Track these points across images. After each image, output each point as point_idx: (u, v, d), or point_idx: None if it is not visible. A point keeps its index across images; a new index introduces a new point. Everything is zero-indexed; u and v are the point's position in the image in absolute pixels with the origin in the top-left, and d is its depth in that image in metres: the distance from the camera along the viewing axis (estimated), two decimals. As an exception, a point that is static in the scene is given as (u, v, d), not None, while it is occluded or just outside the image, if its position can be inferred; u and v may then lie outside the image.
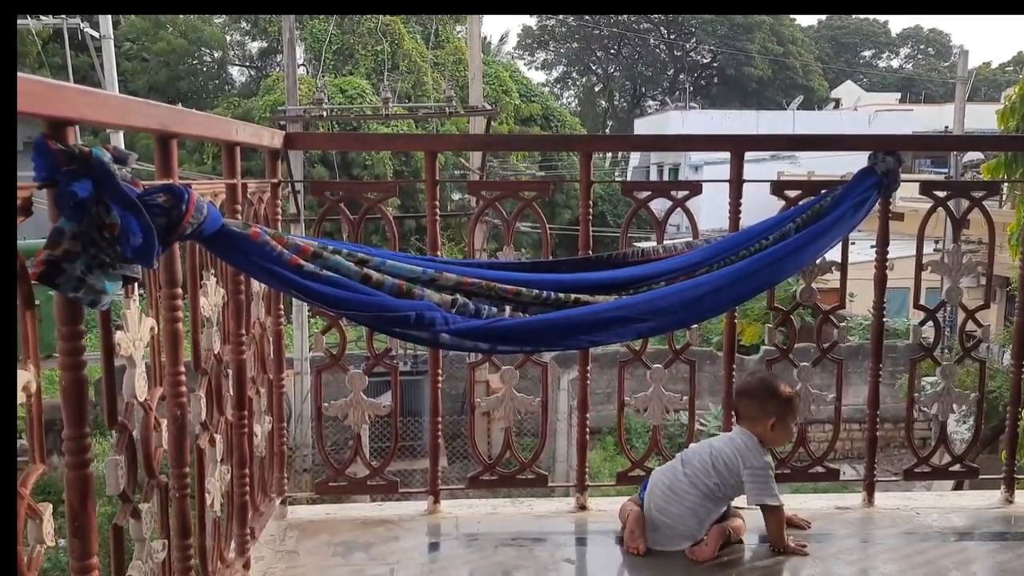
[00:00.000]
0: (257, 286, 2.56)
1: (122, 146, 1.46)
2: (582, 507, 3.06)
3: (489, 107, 13.77)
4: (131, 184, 1.36)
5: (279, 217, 2.77)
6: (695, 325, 3.03)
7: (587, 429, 3.16)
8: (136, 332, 1.62)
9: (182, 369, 1.89)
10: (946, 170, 18.73)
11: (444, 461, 12.72)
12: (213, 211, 1.59)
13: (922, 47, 53.11)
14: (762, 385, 2.72)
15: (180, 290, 1.86)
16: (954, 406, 3.19)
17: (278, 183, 2.76)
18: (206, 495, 2.12)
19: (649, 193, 3.08)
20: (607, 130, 45.88)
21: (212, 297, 2.13)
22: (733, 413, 2.85)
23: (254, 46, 35.60)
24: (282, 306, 2.86)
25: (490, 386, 3.07)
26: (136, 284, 1.55)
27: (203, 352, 2.12)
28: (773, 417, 2.65)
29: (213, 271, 2.16)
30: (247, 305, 2.41)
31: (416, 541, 2.83)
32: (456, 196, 21.58)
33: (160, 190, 1.46)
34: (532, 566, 2.66)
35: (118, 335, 1.56)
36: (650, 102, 49.61)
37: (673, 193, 3.05)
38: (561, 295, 2.20)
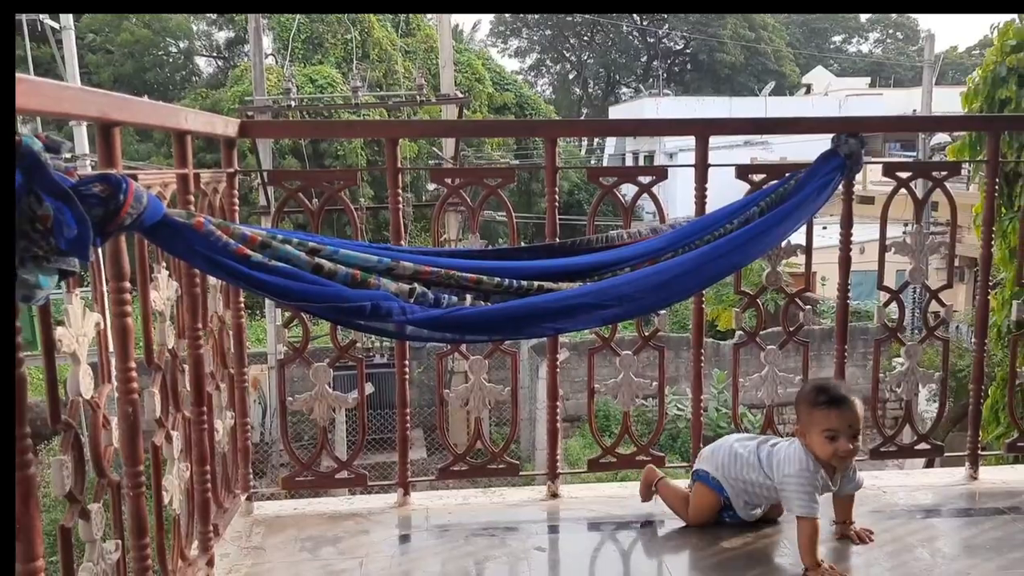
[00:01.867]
0: (213, 279, 2.51)
1: (85, 139, 1.41)
2: (554, 495, 3.05)
3: (461, 95, 13.70)
4: (65, 174, 1.31)
5: (236, 208, 2.71)
6: (663, 311, 3.03)
7: (559, 417, 3.14)
8: (80, 328, 1.57)
9: (132, 365, 1.84)
10: (915, 153, 18.90)
11: (423, 452, 12.74)
12: (154, 201, 1.54)
13: (891, 32, 53.44)
14: (800, 391, 2.59)
15: (128, 284, 1.81)
16: (924, 386, 3.21)
17: (234, 173, 2.70)
18: (163, 493, 2.07)
19: (615, 179, 3.07)
20: (582, 117, 45.82)
21: (164, 291, 2.08)
22: None
23: (221, 36, 35.18)
24: (243, 299, 2.81)
25: (468, 377, 3.04)
26: (80, 278, 1.50)
27: (156, 347, 2.07)
28: (800, 425, 2.52)
29: (165, 264, 2.11)
30: (203, 298, 2.35)
31: (386, 534, 2.81)
32: (432, 187, 21.51)
33: (96, 180, 1.42)
34: (503, 555, 2.65)
35: (59, 331, 1.51)
36: (624, 89, 49.68)
37: (639, 179, 3.03)
38: (524, 283, 2.17)
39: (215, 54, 36.19)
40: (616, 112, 37.78)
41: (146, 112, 1.89)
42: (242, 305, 2.82)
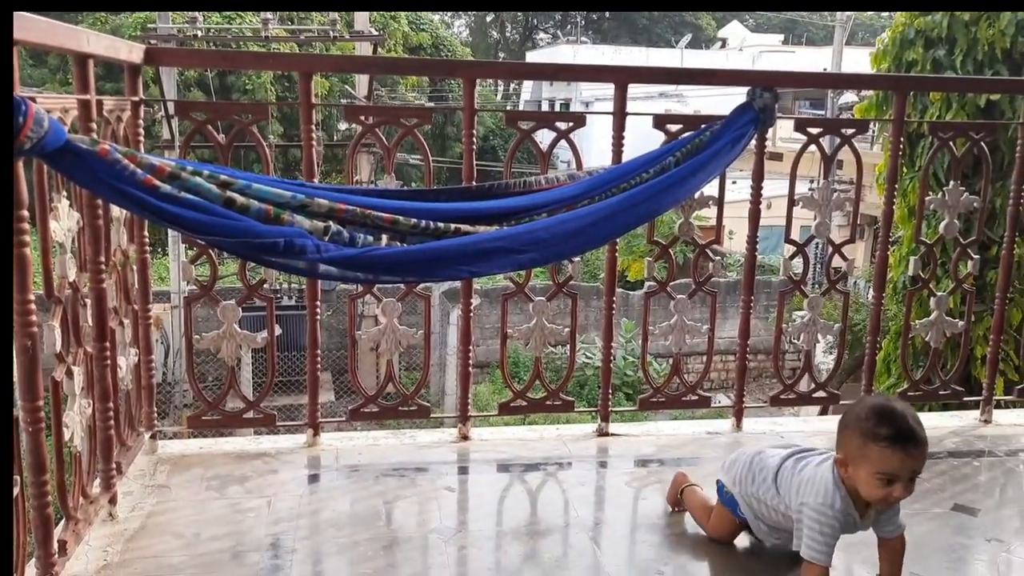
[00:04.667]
0: (117, 211, 2.41)
1: None
2: (464, 437, 3.08)
3: (376, 33, 13.36)
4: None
5: (141, 139, 2.60)
6: (577, 258, 3.07)
7: (472, 361, 3.16)
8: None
9: (31, 297, 1.76)
10: (824, 112, 19.42)
11: (331, 396, 12.66)
12: (55, 126, 1.46)
13: (805, -11, 54.26)
14: (852, 408, 2.02)
15: (26, 212, 1.72)
16: (820, 336, 3.34)
17: (139, 102, 2.58)
18: (63, 429, 2.01)
19: (533, 124, 3.05)
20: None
21: (65, 221, 1.99)
22: None
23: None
24: (147, 234, 2.71)
25: (379, 321, 3.02)
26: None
27: (56, 280, 1.99)
28: (842, 452, 1.98)
29: (65, 193, 2.01)
30: (106, 231, 2.26)
31: (295, 473, 2.79)
32: (343, 126, 21.00)
33: (-8, 101, 1.33)
34: (413, 495, 2.67)
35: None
36: (542, 35, 49.22)
37: (558, 124, 3.03)
38: (440, 225, 2.16)
39: (116, -24, 34.26)
40: (533, 58, 37.51)
41: (44, 31, 1.78)
42: (147, 240, 2.72)
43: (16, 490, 1.74)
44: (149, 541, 2.29)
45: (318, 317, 2.91)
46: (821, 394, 3.40)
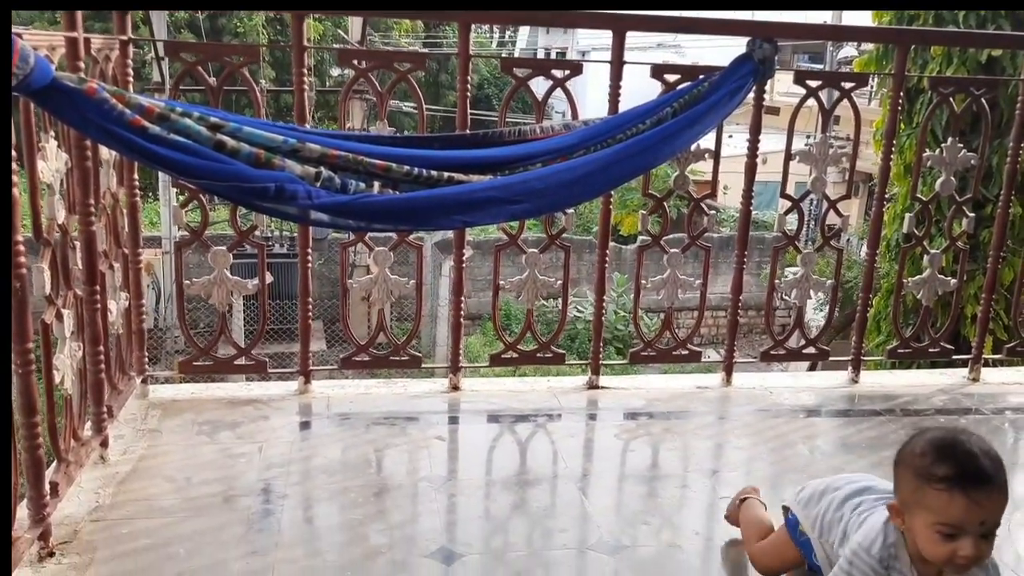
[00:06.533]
0: (107, 153, 2.38)
1: None
2: (455, 387, 3.09)
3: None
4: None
5: (130, 79, 2.55)
6: (570, 210, 3.04)
7: (464, 313, 3.16)
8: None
9: (19, 239, 1.74)
10: (823, 66, 19.25)
11: (323, 345, 12.67)
12: (42, 63, 1.43)
13: (808, -58, 53.51)
14: (908, 442, 1.60)
15: (13, 152, 1.69)
16: (812, 293, 3.35)
17: (128, 41, 2.53)
18: (54, 372, 2.00)
19: (529, 72, 3.01)
20: (495, 11, 44.62)
21: (53, 162, 1.96)
22: None
23: None
24: (137, 177, 2.68)
25: (370, 270, 3.01)
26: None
27: (45, 222, 1.96)
28: (900, 494, 1.59)
29: (53, 133, 1.98)
30: (95, 173, 2.23)
31: (286, 420, 2.80)
32: (335, 72, 20.72)
33: (-24, 36, 1.30)
34: (404, 444, 2.69)
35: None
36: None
37: (554, 72, 2.98)
38: (434, 173, 2.13)
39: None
40: (531, 7, 37.03)
41: (30, -35, 1.74)
42: (136, 183, 2.69)
43: (6, 432, 1.73)
44: (140, 484, 2.30)
45: (309, 265, 2.89)
46: (811, 350, 3.41)
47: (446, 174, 2.15)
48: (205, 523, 2.13)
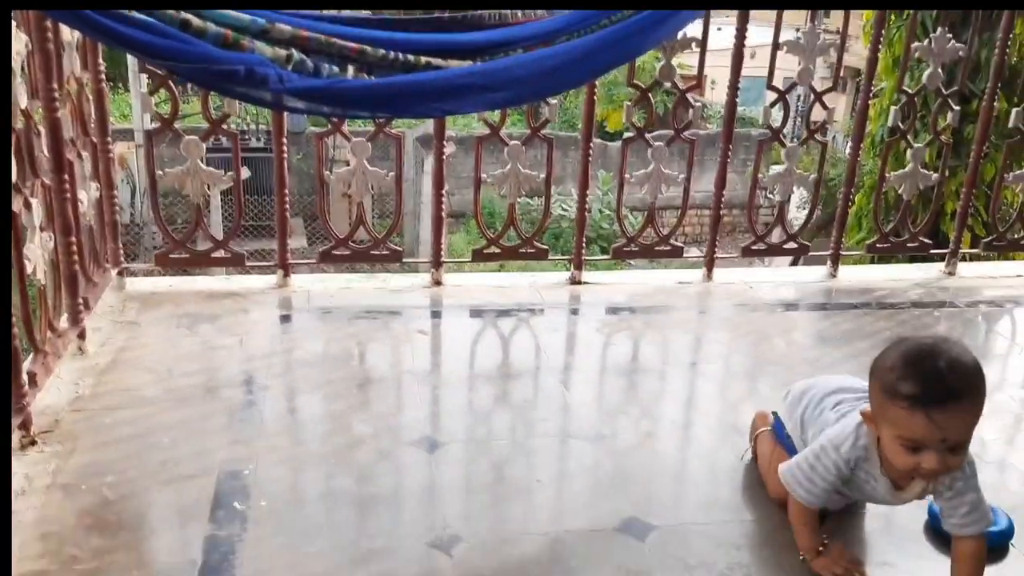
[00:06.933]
0: (69, 34, 2.28)
1: None
2: (437, 282, 3.08)
3: None
4: None
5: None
6: (554, 100, 2.98)
7: (446, 210, 3.12)
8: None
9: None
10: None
11: (304, 242, 12.60)
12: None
13: None
14: (881, 355, 1.53)
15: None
16: (795, 188, 3.32)
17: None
18: (25, 262, 1.96)
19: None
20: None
21: (12, 44, 1.88)
22: None
23: None
24: (104, 63, 2.58)
25: (350, 162, 2.94)
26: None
27: (7, 106, 1.89)
28: (872, 406, 1.56)
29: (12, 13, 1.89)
30: (57, 56, 2.14)
31: (266, 313, 2.79)
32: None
33: None
34: (386, 337, 2.69)
35: None
36: None
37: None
38: (411, 57, 2.05)
39: None
40: None
41: None
42: (102, 68, 2.59)
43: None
44: (121, 375, 2.30)
45: (285, 155, 2.83)
46: (792, 245, 3.41)
47: (423, 59, 2.07)
48: (188, 413, 2.13)
